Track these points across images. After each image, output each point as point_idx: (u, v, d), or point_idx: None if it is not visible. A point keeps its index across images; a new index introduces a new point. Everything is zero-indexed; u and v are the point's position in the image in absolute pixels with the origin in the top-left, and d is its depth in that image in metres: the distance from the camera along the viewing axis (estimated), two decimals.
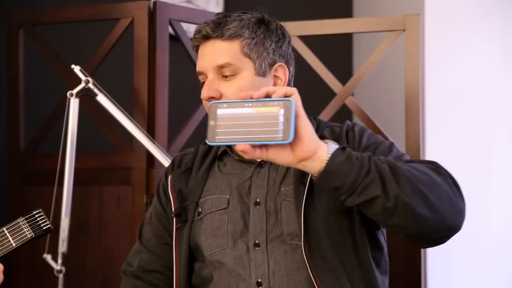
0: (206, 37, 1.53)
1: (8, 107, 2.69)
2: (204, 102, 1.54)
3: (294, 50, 2.56)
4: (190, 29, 3.31)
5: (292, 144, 1.26)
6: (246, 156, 1.28)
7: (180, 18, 2.60)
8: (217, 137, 1.28)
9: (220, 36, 1.52)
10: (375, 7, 3.44)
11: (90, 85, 2.27)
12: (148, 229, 1.64)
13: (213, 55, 1.52)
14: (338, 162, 1.28)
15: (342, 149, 1.30)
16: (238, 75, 1.52)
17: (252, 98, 1.27)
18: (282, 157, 1.28)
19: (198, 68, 1.56)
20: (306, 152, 1.27)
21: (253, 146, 1.27)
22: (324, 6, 3.70)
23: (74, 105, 2.28)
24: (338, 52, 3.68)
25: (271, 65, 1.56)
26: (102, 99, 2.28)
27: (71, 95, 2.28)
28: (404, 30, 2.52)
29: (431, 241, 1.42)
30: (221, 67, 1.51)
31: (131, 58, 2.57)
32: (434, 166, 1.39)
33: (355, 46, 3.73)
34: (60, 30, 3.09)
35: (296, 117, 1.26)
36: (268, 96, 1.28)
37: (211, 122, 1.29)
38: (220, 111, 1.28)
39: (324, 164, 1.28)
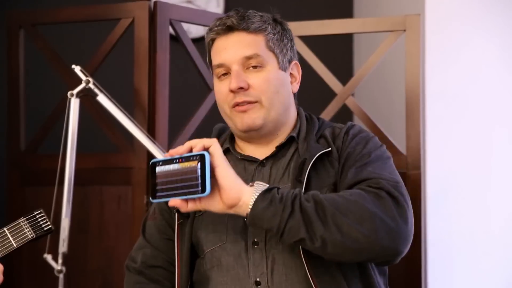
0: (231, 29, 1.53)
1: (8, 107, 2.69)
2: (223, 96, 1.54)
3: None
4: (190, 29, 3.32)
5: (219, 193, 1.35)
6: (182, 210, 1.38)
7: (180, 18, 2.60)
8: (157, 194, 1.37)
9: (246, 29, 1.52)
10: (376, 7, 3.44)
11: (91, 85, 2.27)
12: (151, 224, 1.64)
13: (239, 46, 1.52)
14: (261, 207, 1.35)
15: (266, 191, 1.36)
16: (264, 67, 1.53)
17: (178, 154, 1.36)
18: (214, 206, 1.38)
19: (219, 61, 1.54)
20: (230, 200, 1.36)
21: (185, 200, 1.36)
22: (324, 6, 3.70)
23: (74, 105, 2.28)
24: (339, 52, 3.68)
25: (289, 62, 1.59)
26: (102, 99, 2.28)
27: (72, 95, 2.28)
28: (404, 30, 2.52)
29: (379, 264, 1.49)
30: (248, 58, 1.52)
31: (131, 58, 2.57)
32: (376, 190, 1.40)
33: (356, 46, 3.73)
34: (60, 30, 3.09)
35: (214, 167, 1.35)
36: (190, 150, 1.36)
37: (152, 181, 1.37)
38: (158, 169, 1.37)
39: (248, 210, 1.35)
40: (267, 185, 1.38)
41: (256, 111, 1.52)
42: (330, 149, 1.52)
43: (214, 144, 1.37)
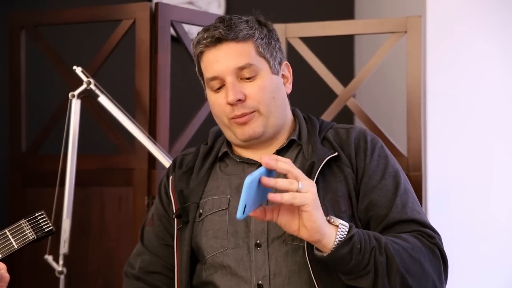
0: (219, 40, 1.51)
1: (9, 108, 2.69)
2: (221, 108, 1.53)
3: (295, 51, 2.58)
4: (191, 30, 3.32)
5: (300, 224, 1.32)
6: (260, 219, 1.34)
7: (181, 19, 2.60)
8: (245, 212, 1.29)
9: (235, 38, 1.51)
10: (377, 8, 3.44)
11: (92, 86, 2.27)
12: (150, 230, 1.63)
13: (230, 57, 1.50)
14: (341, 254, 1.34)
15: (349, 239, 1.34)
16: (258, 75, 1.52)
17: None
18: (290, 229, 1.33)
19: (212, 73, 1.52)
20: (308, 238, 1.33)
21: (264, 210, 1.32)
22: (325, 8, 3.70)
23: (75, 106, 2.28)
24: (340, 54, 3.68)
25: (280, 64, 1.58)
26: (103, 100, 2.28)
27: (73, 96, 2.28)
28: (405, 32, 2.52)
29: None
30: (241, 68, 1.50)
31: (132, 59, 2.58)
32: (431, 245, 1.45)
33: (357, 47, 3.73)
34: (62, 31, 3.09)
35: (309, 210, 1.30)
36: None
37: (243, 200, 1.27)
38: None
39: (328, 252, 1.34)
40: (346, 226, 1.35)
41: (256, 120, 1.52)
42: (337, 153, 1.52)
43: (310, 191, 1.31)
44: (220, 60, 1.51)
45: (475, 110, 2.70)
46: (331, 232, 1.33)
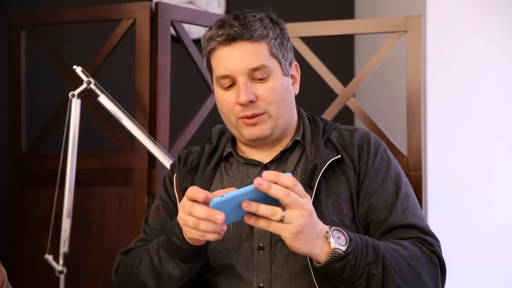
0: (234, 39, 1.48)
1: (9, 107, 2.69)
2: (230, 107, 1.51)
3: (295, 51, 2.58)
4: (191, 30, 3.33)
5: (293, 235, 1.28)
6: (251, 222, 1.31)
7: (181, 19, 2.60)
8: None
9: (250, 38, 1.48)
10: (377, 8, 3.44)
11: (92, 86, 2.27)
12: (155, 220, 1.61)
13: (244, 57, 1.48)
14: (333, 268, 1.32)
15: (344, 256, 1.32)
16: (270, 76, 1.50)
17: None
18: (281, 233, 1.30)
19: (224, 72, 1.50)
20: (297, 250, 1.31)
21: (257, 216, 1.29)
22: (325, 7, 3.70)
23: (75, 105, 2.28)
24: (340, 53, 3.68)
25: (290, 64, 1.57)
26: (103, 99, 2.28)
27: (73, 95, 2.28)
28: (405, 31, 2.52)
29: None
30: (254, 69, 1.48)
31: (132, 59, 2.58)
32: (430, 253, 1.43)
33: (357, 47, 3.73)
34: (62, 31, 3.09)
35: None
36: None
37: None
38: None
39: (321, 263, 1.33)
40: (341, 249, 1.32)
41: (265, 123, 1.51)
42: (340, 156, 1.51)
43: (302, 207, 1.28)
44: (233, 59, 1.48)
45: (475, 110, 2.70)
46: (323, 250, 1.32)
